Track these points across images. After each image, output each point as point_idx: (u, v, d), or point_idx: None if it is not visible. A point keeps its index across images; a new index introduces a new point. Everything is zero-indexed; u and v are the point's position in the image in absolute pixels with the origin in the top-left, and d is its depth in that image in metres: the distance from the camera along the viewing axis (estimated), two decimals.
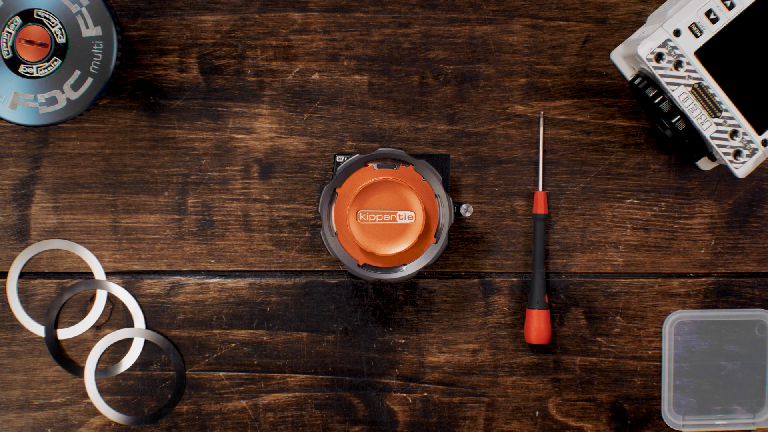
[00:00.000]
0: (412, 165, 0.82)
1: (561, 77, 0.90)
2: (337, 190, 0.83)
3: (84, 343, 0.91)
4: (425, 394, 0.91)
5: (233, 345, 0.91)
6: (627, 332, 0.91)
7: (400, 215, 0.82)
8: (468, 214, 0.84)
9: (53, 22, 0.79)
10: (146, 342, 0.90)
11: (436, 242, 0.83)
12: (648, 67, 0.78)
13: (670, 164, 0.91)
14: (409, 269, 0.83)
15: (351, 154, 0.84)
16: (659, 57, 0.78)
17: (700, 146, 0.81)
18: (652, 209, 0.91)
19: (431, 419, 0.91)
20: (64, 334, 0.90)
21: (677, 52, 0.78)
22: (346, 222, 0.83)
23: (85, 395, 0.91)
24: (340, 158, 0.84)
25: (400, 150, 0.83)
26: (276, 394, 0.91)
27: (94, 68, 0.80)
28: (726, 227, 0.91)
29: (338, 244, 0.83)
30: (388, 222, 0.82)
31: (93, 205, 0.90)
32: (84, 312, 0.90)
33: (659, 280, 0.91)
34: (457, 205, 0.84)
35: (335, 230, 0.83)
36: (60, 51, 0.79)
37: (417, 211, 0.82)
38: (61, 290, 0.90)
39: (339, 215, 0.83)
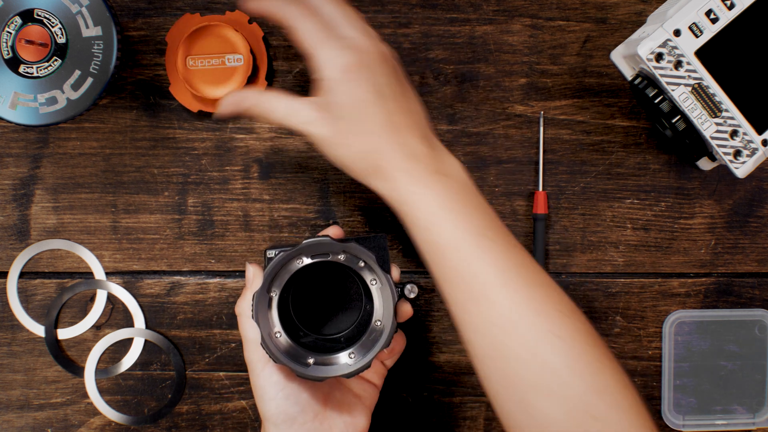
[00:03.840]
0: (343, 250, 0.76)
1: (561, 77, 0.90)
2: (166, 39, 0.86)
3: (84, 343, 0.91)
4: (425, 394, 0.91)
5: (233, 345, 0.91)
6: (627, 332, 0.91)
7: (228, 59, 0.84)
8: (413, 295, 0.78)
9: (53, 22, 0.79)
10: (146, 342, 0.90)
11: (266, 86, 0.86)
12: (648, 67, 0.78)
13: (670, 164, 0.91)
14: (355, 364, 0.75)
15: (283, 247, 0.78)
16: (659, 57, 0.78)
17: (700, 146, 0.81)
18: (652, 209, 0.91)
19: (431, 419, 0.91)
20: (64, 334, 0.90)
21: (677, 52, 0.78)
22: (176, 69, 0.85)
23: (85, 395, 0.91)
24: (270, 253, 0.78)
25: (326, 237, 0.75)
26: None
27: (94, 68, 0.80)
28: (726, 227, 0.91)
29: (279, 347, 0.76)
30: (217, 66, 0.84)
31: (93, 205, 0.90)
32: (84, 312, 0.90)
33: (659, 280, 0.91)
34: (400, 286, 0.77)
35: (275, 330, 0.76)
36: (60, 51, 0.79)
37: (244, 53, 0.84)
38: (61, 290, 0.90)
39: (170, 66, 0.86)
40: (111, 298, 0.91)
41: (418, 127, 0.75)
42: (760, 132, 0.79)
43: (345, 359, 0.75)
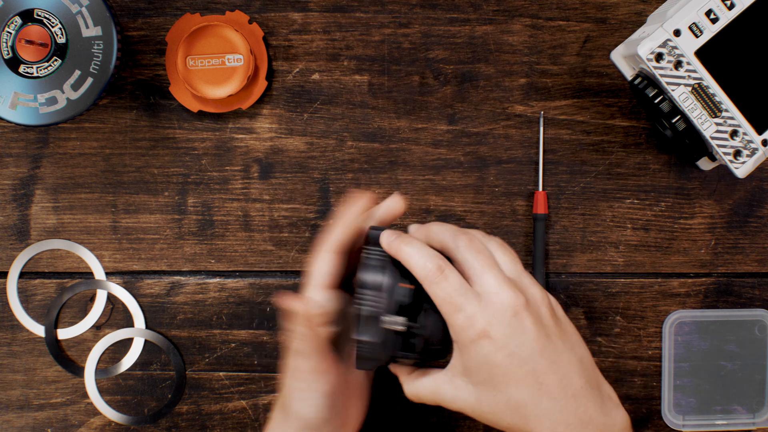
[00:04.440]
0: None
1: (561, 77, 0.90)
2: (166, 39, 0.86)
3: (84, 343, 0.91)
4: None
5: (233, 345, 0.91)
6: (627, 332, 0.91)
7: (228, 59, 0.85)
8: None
9: (53, 22, 0.79)
10: (146, 342, 0.90)
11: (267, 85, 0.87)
12: (648, 67, 0.78)
13: (670, 164, 0.91)
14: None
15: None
16: (659, 57, 0.78)
17: (700, 146, 0.81)
18: (652, 209, 0.91)
19: (431, 419, 0.91)
20: (64, 334, 0.90)
21: (677, 52, 0.78)
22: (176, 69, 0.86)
23: (85, 395, 0.91)
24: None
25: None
26: (276, 394, 0.91)
27: (94, 68, 0.80)
28: (726, 227, 0.91)
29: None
30: (218, 66, 0.85)
31: (93, 205, 0.90)
32: (84, 312, 0.90)
33: (659, 280, 0.91)
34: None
35: None
36: (60, 51, 0.79)
37: (244, 53, 0.85)
38: (61, 290, 0.90)
39: (170, 66, 0.87)
40: (111, 298, 0.91)
41: (574, 383, 0.69)
42: (760, 132, 0.79)
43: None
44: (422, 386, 0.73)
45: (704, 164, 0.89)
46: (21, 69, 0.79)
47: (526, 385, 0.68)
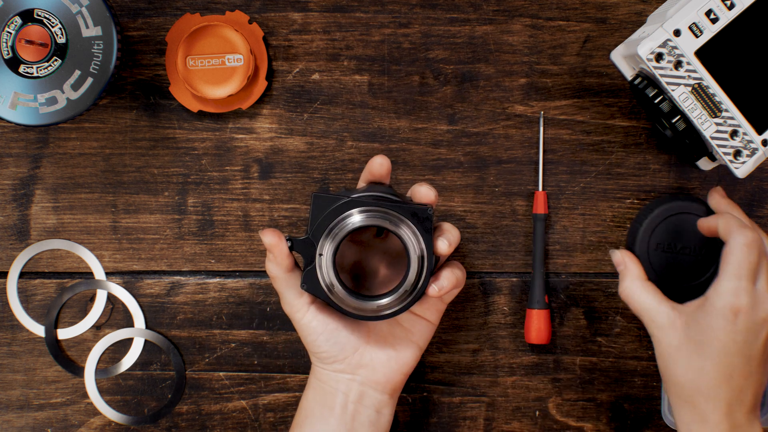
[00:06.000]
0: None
1: (561, 77, 0.90)
2: (166, 39, 0.86)
3: (84, 343, 0.91)
4: (425, 394, 0.91)
5: (233, 345, 0.91)
6: (627, 332, 0.91)
7: (228, 59, 0.85)
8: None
9: (53, 22, 0.79)
10: (146, 342, 0.90)
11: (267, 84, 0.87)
12: (648, 67, 0.78)
13: (670, 164, 0.91)
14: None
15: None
16: (659, 57, 0.78)
17: (700, 146, 0.81)
18: None
19: (431, 419, 0.91)
20: (64, 334, 0.90)
21: (677, 52, 0.78)
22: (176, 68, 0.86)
23: (85, 395, 0.91)
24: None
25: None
26: (276, 394, 0.91)
27: (94, 68, 0.80)
28: None
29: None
30: (218, 66, 0.86)
31: (93, 205, 0.90)
32: (84, 312, 0.90)
33: None
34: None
35: None
36: (60, 51, 0.79)
37: (244, 53, 0.85)
38: (61, 290, 0.90)
39: (170, 66, 0.87)
40: (111, 298, 0.91)
41: (750, 398, 0.76)
42: (760, 132, 0.79)
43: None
44: (642, 297, 0.79)
45: (704, 164, 0.89)
46: (21, 69, 0.79)
47: (722, 371, 0.74)
